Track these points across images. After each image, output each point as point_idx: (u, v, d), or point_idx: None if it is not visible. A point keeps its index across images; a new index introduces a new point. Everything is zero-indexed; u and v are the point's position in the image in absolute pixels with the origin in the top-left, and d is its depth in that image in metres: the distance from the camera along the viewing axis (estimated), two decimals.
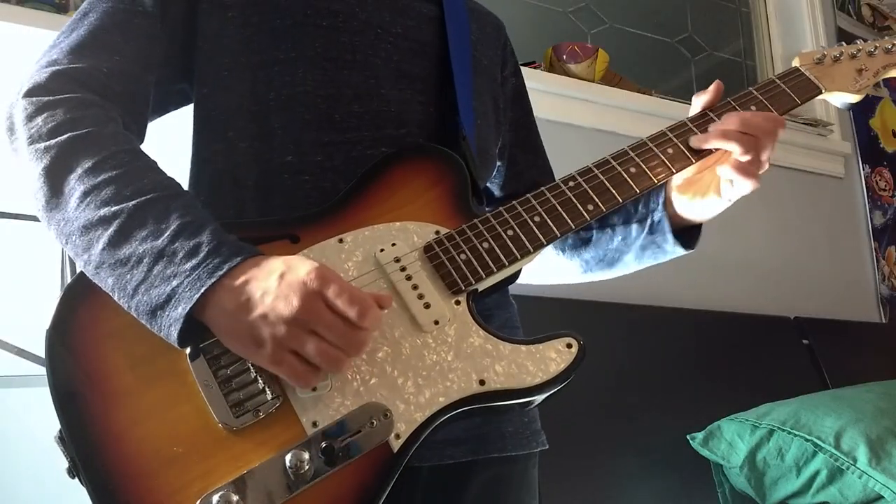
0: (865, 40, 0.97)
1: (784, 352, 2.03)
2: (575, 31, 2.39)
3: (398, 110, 0.83)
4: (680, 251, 0.89)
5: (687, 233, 0.89)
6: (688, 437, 1.62)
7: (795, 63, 0.94)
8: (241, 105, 0.80)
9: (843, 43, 0.96)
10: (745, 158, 0.79)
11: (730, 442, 1.55)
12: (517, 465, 0.84)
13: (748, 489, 1.56)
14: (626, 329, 1.78)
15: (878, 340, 2.34)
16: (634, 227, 0.90)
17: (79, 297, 0.68)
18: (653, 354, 1.78)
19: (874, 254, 2.62)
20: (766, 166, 0.82)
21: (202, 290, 0.61)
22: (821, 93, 0.91)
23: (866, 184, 2.67)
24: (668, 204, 0.88)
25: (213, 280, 0.61)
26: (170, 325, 0.62)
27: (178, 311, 0.61)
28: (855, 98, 0.93)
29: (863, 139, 2.72)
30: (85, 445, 0.62)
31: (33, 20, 1.40)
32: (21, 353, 1.09)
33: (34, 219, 0.70)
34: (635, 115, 2.12)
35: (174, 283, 0.62)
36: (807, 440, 1.44)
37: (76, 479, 0.62)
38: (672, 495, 1.60)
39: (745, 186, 0.80)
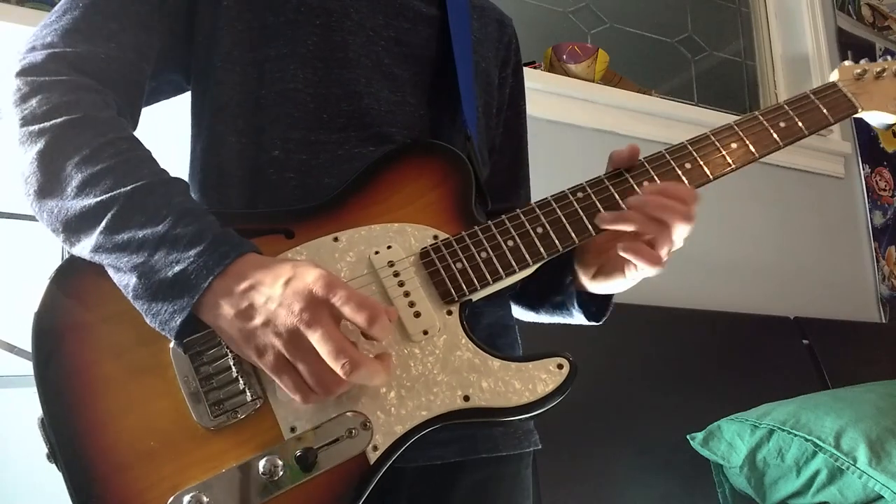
0: (882, 50, 0.92)
1: (784, 352, 2.03)
2: (575, 31, 2.39)
3: (387, 110, 0.81)
4: (583, 321, 0.85)
5: (597, 300, 0.85)
6: (688, 437, 1.61)
7: (834, 77, 0.88)
8: (231, 100, 0.79)
9: (889, 57, 0.89)
10: (645, 240, 0.73)
11: (730, 442, 1.55)
12: (509, 466, 0.82)
13: (748, 489, 1.56)
14: (625, 329, 1.78)
15: (878, 340, 2.34)
16: (547, 282, 0.87)
17: (67, 282, 0.66)
18: (653, 354, 1.78)
19: (874, 254, 2.62)
20: (676, 246, 0.75)
21: (210, 280, 0.60)
22: (857, 112, 0.86)
23: (866, 184, 2.67)
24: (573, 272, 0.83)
25: (220, 268, 0.60)
26: (173, 313, 0.61)
27: (184, 300, 0.60)
28: (894, 118, 0.87)
29: (863, 139, 2.72)
30: (64, 432, 0.61)
31: (33, 20, 1.40)
32: (23, 353, 1.09)
33: (33, 218, 0.70)
34: (635, 115, 2.12)
35: (177, 268, 0.61)
36: (807, 440, 1.44)
37: (54, 465, 0.62)
38: (672, 495, 1.60)
39: (648, 271, 0.74)
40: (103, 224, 0.62)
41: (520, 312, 0.96)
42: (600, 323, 0.85)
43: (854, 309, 2.45)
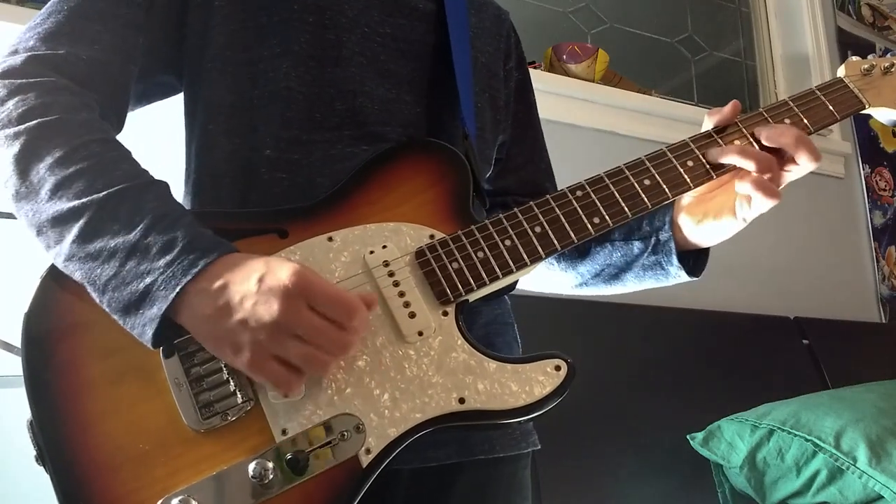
0: (882, 50, 0.90)
1: (784, 352, 2.03)
2: (575, 31, 2.39)
3: (381, 109, 0.81)
4: (684, 277, 0.84)
5: (692, 257, 0.84)
6: (688, 437, 1.61)
7: (841, 73, 0.86)
8: (224, 100, 0.78)
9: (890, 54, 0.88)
10: (767, 176, 0.75)
11: (730, 442, 1.55)
12: (506, 467, 0.81)
13: (748, 489, 1.56)
14: (626, 329, 1.78)
15: (878, 340, 2.34)
16: (636, 244, 0.85)
17: (57, 283, 0.66)
18: (653, 354, 1.78)
19: (874, 254, 2.61)
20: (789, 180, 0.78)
21: (177, 290, 0.59)
22: (864, 108, 0.83)
23: (866, 184, 2.67)
24: (674, 225, 0.82)
25: (188, 278, 0.59)
26: (144, 325, 0.60)
27: (153, 310, 0.60)
28: None
29: (863, 139, 2.72)
30: (52, 435, 0.61)
31: None
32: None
33: None
34: (635, 115, 2.12)
35: (147, 280, 0.60)
36: (807, 440, 1.44)
37: (42, 468, 0.61)
38: (672, 495, 1.60)
39: (765, 205, 0.76)
40: (75, 232, 0.62)
41: (595, 289, 0.94)
42: (699, 277, 0.85)
43: (854, 309, 2.44)
